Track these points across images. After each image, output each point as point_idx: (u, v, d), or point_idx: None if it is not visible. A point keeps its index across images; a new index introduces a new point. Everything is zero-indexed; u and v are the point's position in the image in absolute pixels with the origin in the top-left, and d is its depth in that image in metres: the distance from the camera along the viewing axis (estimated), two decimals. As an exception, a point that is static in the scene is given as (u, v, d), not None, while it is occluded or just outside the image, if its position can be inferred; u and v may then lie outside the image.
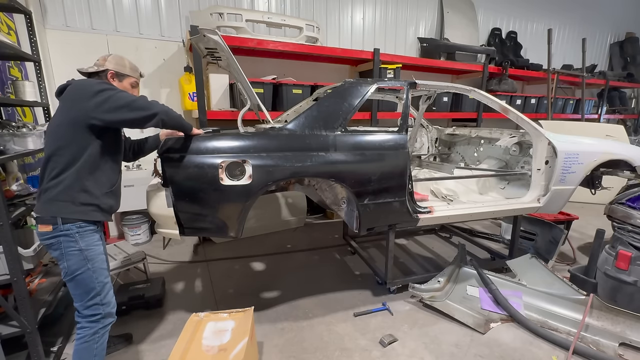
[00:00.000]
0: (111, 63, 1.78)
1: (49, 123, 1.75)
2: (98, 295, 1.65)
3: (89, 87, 1.61)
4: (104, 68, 1.77)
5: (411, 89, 2.60)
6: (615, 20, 8.20)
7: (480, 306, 2.56)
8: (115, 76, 1.79)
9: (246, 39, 3.71)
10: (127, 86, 1.84)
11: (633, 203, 2.79)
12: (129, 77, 1.84)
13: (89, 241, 1.63)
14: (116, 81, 1.79)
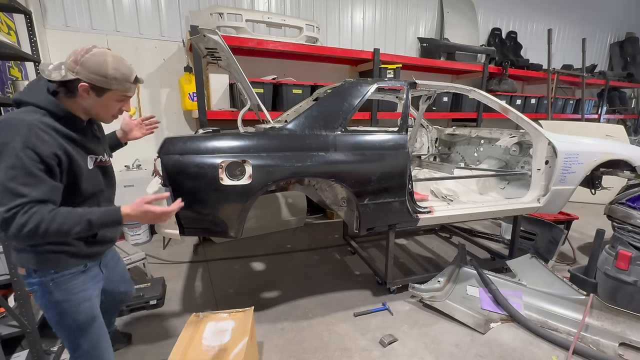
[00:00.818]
0: (86, 69, 1.21)
1: None
2: (86, 355, 1.41)
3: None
4: (74, 77, 1.20)
5: (411, 89, 2.60)
6: (615, 20, 8.20)
7: (480, 306, 2.56)
8: (91, 90, 1.23)
9: (246, 39, 3.71)
10: (109, 103, 1.31)
11: (633, 203, 2.79)
12: (111, 92, 1.27)
13: (68, 290, 1.32)
14: (92, 96, 1.25)
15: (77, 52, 1.25)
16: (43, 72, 1.22)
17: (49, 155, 1.14)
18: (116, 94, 1.31)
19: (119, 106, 1.37)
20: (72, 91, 1.23)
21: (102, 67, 1.23)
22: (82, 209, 1.21)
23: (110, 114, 1.37)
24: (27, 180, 1.09)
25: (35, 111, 1.19)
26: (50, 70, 1.22)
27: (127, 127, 1.80)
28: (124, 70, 1.30)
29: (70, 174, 1.24)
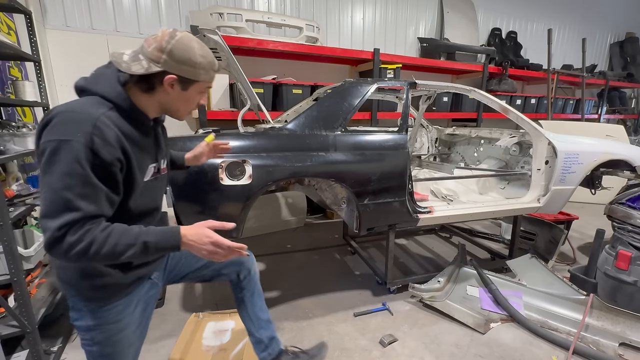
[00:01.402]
0: (173, 59, 1.01)
1: None
2: None
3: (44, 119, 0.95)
4: (160, 68, 1.01)
5: (411, 89, 2.60)
6: (615, 20, 8.20)
7: (480, 306, 2.56)
8: (178, 83, 1.04)
9: (246, 39, 3.71)
10: (193, 96, 1.11)
11: (633, 203, 2.79)
12: (198, 84, 1.08)
13: (103, 319, 1.11)
14: (176, 90, 1.06)
15: (160, 38, 1.02)
16: (119, 65, 1.02)
17: (113, 161, 0.94)
18: (202, 86, 1.09)
19: (200, 99, 1.14)
20: (152, 86, 1.04)
21: (191, 55, 1.02)
22: (137, 227, 0.98)
23: (191, 108, 1.15)
24: (84, 191, 0.89)
25: (101, 103, 0.99)
26: (128, 63, 1.02)
27: (200, 152, 1.55)
28: (210, 58, 1.07)
29: (125, 184, 1.02)
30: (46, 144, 0.88)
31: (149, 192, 1.14)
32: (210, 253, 1.01)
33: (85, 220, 0.89)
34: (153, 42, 1.03)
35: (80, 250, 0.87)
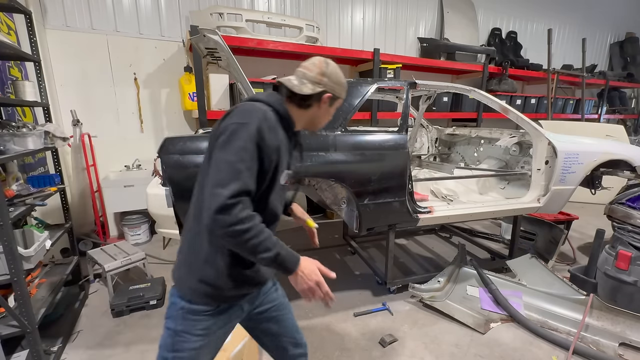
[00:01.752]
0: (331, 80, 1.20)
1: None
2: None
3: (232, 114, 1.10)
4: (321, 89, 1.19)
5: (411, 89, 2.60)
6: (615, 20, 8.20)
7: (480, 306, 2.56)
8: (329, 100, 1.22)
9: (246, 39, 3.71)
10: (333, 110, 1.29)
11: (633, 203, 2.79)
12: (339, 100, 1.27)
13: (188, 327, 1.13)
14: (326, 106, 1.23)
15: (318, 65, 1.22)
16: (293, 87, 1.19)
17: (273, 147, 1.07)
18: (340, 102, 1.29)
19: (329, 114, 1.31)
20: (310, 103, 1.22)
21: (340, 77, 1.23)
22: (275, 236, 1.06)
23: (328, 121, 1.33)
24: (251, 165, 1.01)
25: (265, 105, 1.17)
26: (299, 86, 1.20)
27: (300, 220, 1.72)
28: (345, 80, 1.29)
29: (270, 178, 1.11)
30: (228, 126, 1.04)
31: (278, 198, 1.23)
32: (309, 290, 1.14)
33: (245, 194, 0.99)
34: (314, 68, 1.22)
35: (239, 230, 0.95)
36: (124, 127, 3.99)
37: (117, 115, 3.94)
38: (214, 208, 0.94)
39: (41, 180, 2.35)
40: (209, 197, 0.97)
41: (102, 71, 3.78)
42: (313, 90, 1.18)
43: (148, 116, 4.09)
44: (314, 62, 1.23)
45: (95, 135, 3.81)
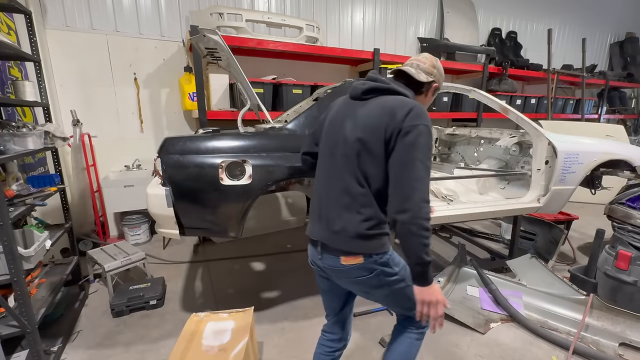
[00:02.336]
0: (439, 72, 1.43)
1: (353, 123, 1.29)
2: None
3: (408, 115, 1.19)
4: (432, 79, 1.40)
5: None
6: (615, 20, 8.20)
7: (480, 306, 2.56)
8: (434, 90, 1.45)
9: (246, 39, 3.71)
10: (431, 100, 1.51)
11: (633, 203, 2.79)
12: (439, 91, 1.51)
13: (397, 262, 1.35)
14: (430, 94, 1.46)
15: (430, 58, 1.42)
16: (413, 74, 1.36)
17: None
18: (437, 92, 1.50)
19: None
20: (422, 91, 1.42)
21: (443, 71, 1.46)
22: None
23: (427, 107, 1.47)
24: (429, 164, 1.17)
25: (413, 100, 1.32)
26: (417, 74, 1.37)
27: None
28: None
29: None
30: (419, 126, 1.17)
31: None
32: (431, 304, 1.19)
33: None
34: (426, 61, 1.41)
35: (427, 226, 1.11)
36: (124, 127, 3.99)
37: (117, 115, 3.94)
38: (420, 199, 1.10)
39: (41, 180, 2.35)
40: (402, 196, 1.13)
41: (102, 71, 3.78)
42: (427, 79, 1.37)
43: (148, 116, 4.09)
44: (426, 56, 1.43)
45: (95, 135, 3.81)
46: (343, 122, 1.33)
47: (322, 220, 1.33)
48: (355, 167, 1.26)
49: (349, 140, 1.27)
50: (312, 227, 1.40)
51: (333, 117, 1.41)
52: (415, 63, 1.40)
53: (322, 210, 1.35)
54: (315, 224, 1.38)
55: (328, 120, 1.43)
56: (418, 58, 1.42)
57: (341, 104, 1.43)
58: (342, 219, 1.27)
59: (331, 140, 1.37)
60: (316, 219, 1.37)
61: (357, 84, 1.38)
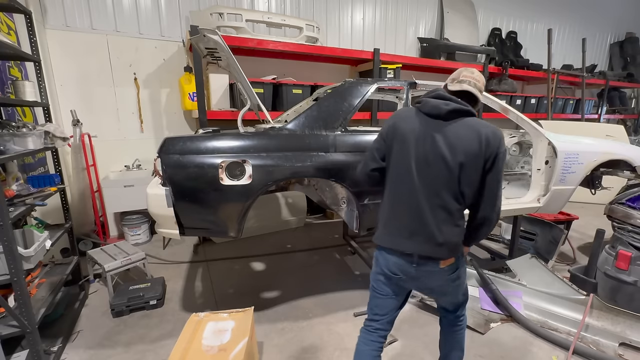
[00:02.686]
0: (482, 85, 1.51)
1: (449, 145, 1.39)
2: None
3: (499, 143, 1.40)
4: (480, 95, 1.49)
5: (411, 89, 2.60)
6: (615, 20, 8.20)
7: (480, 306, 2.56)
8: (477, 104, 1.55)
9: (246, 39, 3.71)
10: None
11: (633, 203, 2.79)
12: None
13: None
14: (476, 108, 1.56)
15: (480, 76, 1.50)
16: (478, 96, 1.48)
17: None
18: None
19: None
20: (476, 107, 1.52)
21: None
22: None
23: None
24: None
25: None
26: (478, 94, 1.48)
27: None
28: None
29: None
30: (502, 152, 1.41)
31: None
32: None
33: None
34: (480, 78, 1.50)
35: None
36: (124, 127, 3.99)
37: (117, 115, 3.94)
38: (498, 209, 1.50)
39: (41, 180, 2.35)
40: (494, 201, 1.48)
41: (102, 71, 3.78)
42: (478, 96, 1.48)
43: (148, 116, 4.09)
44: (477, 73, 1.51)
45: (95, 135, 3.81)
46: (434, 142, 1.40)
47: (418, 235, 1.44)
48: (455, 187, 1.40)
49: (450, 163, 1.38)
50: (402, 242, 1.47)
51: (416, 134, 1.43)
52: (473, 82, 1.46)
53: (414, 226, 1.44)
54: (406, 240, 1.46)
55: (406, 137, 1.45)
56: (473, 76, 1.47)
57: (416, 121, 1.46)
58: (443, 233, 1.42)
59: (420, 157, 1.42)
60: (407, 234, 1.46)
61: (437, 102, 1.43)
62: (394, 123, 1.52)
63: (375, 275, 1.58)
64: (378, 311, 1.60)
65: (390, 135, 1.50)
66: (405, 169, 1.45)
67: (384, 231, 1.53)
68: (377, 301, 1.60)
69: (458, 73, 1.53)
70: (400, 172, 1.47)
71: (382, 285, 1.56)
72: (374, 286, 1.60)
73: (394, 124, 1.51)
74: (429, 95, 1.48)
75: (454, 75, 1.54)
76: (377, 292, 1.59)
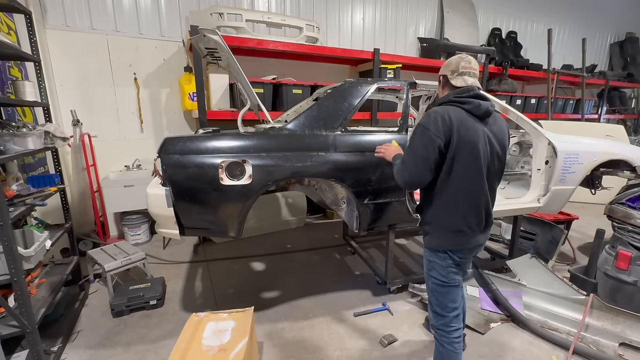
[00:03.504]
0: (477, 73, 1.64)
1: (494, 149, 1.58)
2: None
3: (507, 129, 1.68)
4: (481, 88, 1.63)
5: (411, 89, 2.60)
6: (615, 20, 8.20)
7: (480, 306, 2.56)
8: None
9: (246, 39, 3.71)
10: None
11: (633, 203, 2.79)
12: None
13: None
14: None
15: (472, 60, 1.59)
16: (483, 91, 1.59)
17: None
18: None
19: None
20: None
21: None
22: None
23: None
24: None
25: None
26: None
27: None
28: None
29: None
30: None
31: None
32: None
33: None
34: (477, 66, 1.59)
35: None
36: (124, 127, 3.99)
37: (117, 115, 3.94)
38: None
39: (41, 180, 2.35)
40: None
41: (102, 71, 3.78)
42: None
43: (148, 116, 4.09)
44: (474, 61, 1.57)
45: (95, 135, 3.81)
46: (490, 142, 1.55)
47: (487, 227, 1.64)
48: (500, 178, 1.67)
49: (502, 159, 1.60)
50: (487, 233, 1.66)
51: (479, 137, 1.50)
52: (473, 72, 1.56)
53: (487, 220, 1.61)
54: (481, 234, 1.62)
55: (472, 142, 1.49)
56: (471, 66, 1.55)
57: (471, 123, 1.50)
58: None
59: (486, 158, 1.53)
60: (491, 222, 1.64)
61: (480, 103, 1.51)
62: (454, 129, 1.46)
63: (444, 269, 1.62)
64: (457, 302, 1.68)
65: (454, 143, 1.47)
66: (477, 171, 1.52)
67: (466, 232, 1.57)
68: (453, 294, 1.66)
69: (457, 64, 1.56)
70: (471, 175, 1.52)
71: (455, 276, 1.65)
72: (444, 281, 1.64)
73: (457, 131, 1.46)
74: (469, 95, 1.51)
75: (452, 67, 1.57)
76: (449, 285, 1.65)
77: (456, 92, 1.54)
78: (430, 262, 1.67)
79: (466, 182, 1.51)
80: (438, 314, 1.68)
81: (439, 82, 1.68)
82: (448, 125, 1.46)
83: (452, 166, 1.49)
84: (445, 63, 1.63)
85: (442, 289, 1.65)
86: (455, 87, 1.56)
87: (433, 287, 1.69)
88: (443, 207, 1.56)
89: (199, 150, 1.96)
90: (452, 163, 1.49)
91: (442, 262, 1.61)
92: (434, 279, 1.66)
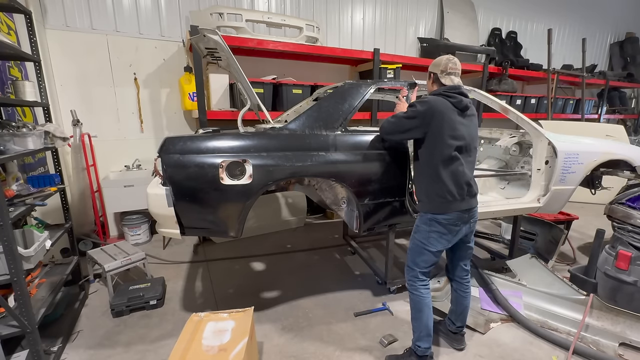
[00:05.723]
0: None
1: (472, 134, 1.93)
2: None
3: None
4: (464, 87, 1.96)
5: (411, 89, 2.60)
6: (615, 20, 8.20)
7: (480, 306, 2.56)
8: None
9: (246, 39, 3.71)
10: None
11: (633, 203, 2.79)
12: None
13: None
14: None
15: (458, 62, 1.95)
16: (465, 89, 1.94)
17: None
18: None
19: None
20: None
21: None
22: None
23: None
24: None
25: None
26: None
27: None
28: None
29: None
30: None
31: None
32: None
33: None
34: (460, 67, 1.93)
35: None
36: (124, 127, 3.99)
37: (117, 115, 3.94)
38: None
39: (41, 180, 2.35)
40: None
41: (102, 71, 3.78)
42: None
43: (148, 116, 4.09)
44: (458, 62, 1.91)
45: (95, 135, 3.81)
46: (467, 128, 1.87)
47: (471, 195, 1.91)
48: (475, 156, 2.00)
49: (474, 142, 1.95)
50: (470, 201, 1.91)
51: (455, 122, 1.82)
52: (458, 72, 1.90)
53: (474, 188, 1.92)
54: (472, 198, 1.92)
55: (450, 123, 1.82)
56: (456, 67, 1.89)
57: (453, 112, 1.83)
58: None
59: (471, 140, 1.90)
60: (473, 193, 1.92)
61: (467, 101, 1.87)
62: (437, 116, 1.80)
63: (427, 233, 1.94)
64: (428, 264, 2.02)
65: (437, 126, 1.81)
66: (456, 150, 1.82)
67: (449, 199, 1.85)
68: (426, 256, 1.99)
69: (445, 65, 1.89)
70: (449, 153, 1.82)
71: (450, 237, 1.97)
72: (423, 243, 1.96)
73: (440, 117, 1.80)
74: (455, 92, 1.85)
75: (442, 67, 1.90)
76: (426, 249, 1.97)
77: (445, 88, 1.87)
78: (418, 226, 2.01)
79: (446, 159, 1.83)
80: (410, 268, 2.03)
81: (429, 77, 2.01)
82: (433, 112, 1.80)
83: (434, 146, 1.83)
84: (434, 62, 1.94)
85: (419, 249, 1.97)
86: (443, 84, 1.90)
87: (412, 247, 2.02)
88: (430, 180, 1.89)
89: (200, 150, 1.96)
90: (434, 143, 1.83)
91: (428, 227, 1.93)
92: (415, 240, 2.00)
